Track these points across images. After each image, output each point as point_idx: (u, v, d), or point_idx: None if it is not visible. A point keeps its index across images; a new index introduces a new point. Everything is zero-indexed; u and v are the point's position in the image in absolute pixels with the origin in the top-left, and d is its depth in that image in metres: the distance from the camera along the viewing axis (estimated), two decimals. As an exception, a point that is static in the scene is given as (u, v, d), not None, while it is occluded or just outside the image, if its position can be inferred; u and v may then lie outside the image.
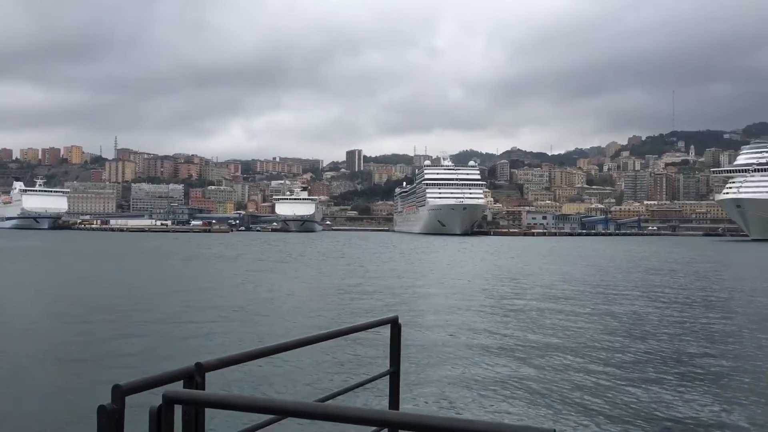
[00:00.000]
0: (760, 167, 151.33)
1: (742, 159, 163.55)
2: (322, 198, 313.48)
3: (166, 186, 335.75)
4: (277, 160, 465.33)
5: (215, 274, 40.80)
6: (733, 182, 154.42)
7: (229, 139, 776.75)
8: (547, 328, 19.76)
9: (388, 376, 3.74)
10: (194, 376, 2.37)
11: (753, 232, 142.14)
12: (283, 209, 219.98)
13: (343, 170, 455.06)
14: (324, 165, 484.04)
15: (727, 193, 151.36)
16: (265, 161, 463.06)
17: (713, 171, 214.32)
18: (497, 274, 42.20)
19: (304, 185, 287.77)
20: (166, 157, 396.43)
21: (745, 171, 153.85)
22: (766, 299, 29.38)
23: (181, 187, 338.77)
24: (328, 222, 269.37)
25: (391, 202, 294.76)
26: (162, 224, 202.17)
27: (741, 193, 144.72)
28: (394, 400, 3.73)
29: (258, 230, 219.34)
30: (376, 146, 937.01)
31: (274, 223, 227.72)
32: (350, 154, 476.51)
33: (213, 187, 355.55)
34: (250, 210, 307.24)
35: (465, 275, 41.11)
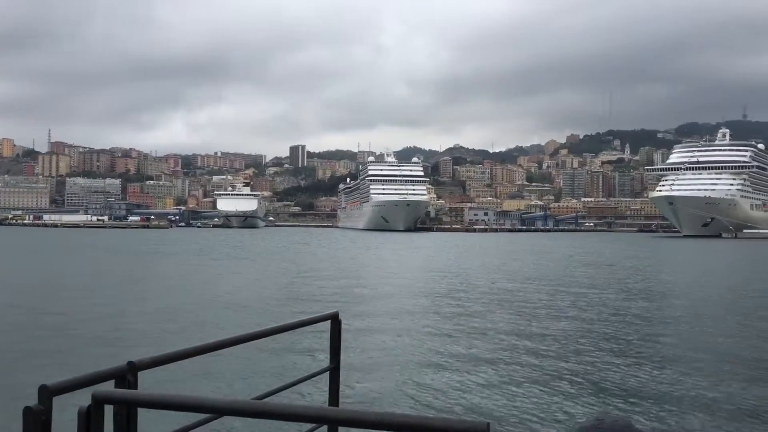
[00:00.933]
0: (691, 166, 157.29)
1: (674, 158, 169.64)
2: (265, 193, 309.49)
3: (103, 180, 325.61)
4: (219, 154, 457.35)
5: (153, 270, 39.83)
6: (666, 180, 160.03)
7: (169, 134, 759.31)
8: (486, 322, 19.99)
9: (327, 373, 3.71)
10: (126, 376, 2.28)
11: (684, 228, 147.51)
12: (225, 205, 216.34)
13: (286, 166, 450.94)
14: (267, 160, 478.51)
15: (660, 190, 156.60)
16: (206, 156, 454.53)
17: (647, 169, 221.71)
18: (439, 269, 42.55)
19: (246, 181, 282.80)
20: (102, 151, 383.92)
21: (677, 169, 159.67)
22: (698, 291, 30.54)
23: (118, 181, 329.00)
24: (271, 218, 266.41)
25: (334, 198, 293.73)
26: (98, 220, 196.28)
27: (673, 190, 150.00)
28: (333, 397, 3.69)
29: (199, 226, 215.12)
30: (319, 142, 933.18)
31: (216, 219, 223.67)
32: (294, 150, 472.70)
33: (152, 182, 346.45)
34: (191, 205, 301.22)
35: (407, 271, 41.30)
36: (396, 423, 1.65)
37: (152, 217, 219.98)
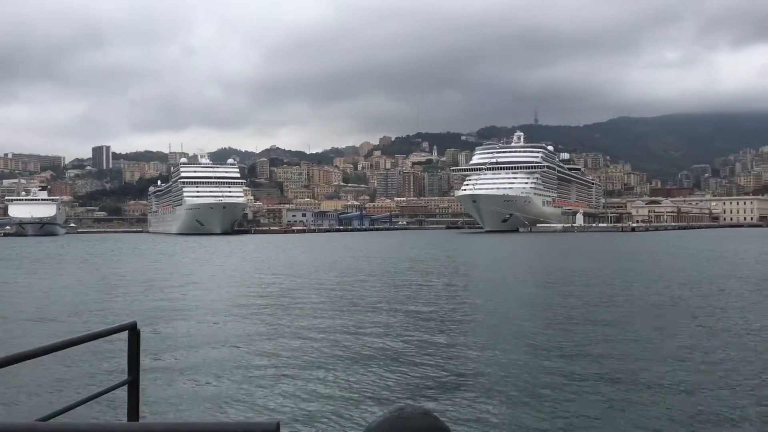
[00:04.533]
0: (491, 166, 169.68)
1: (476, 159, 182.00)
2: (65, 198, 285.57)
3: None
4: (10, 156, 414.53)
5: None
6: (470, 180, 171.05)
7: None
8: (294, 321, 20.14)
9: (125, 386, 3.54)
10: None
11: (486, 224, 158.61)
12: (18, 211, 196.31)
13: (89, 168, 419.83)
14: (67, 162, 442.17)
15: (465, 189, 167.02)
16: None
17: (453, 169, 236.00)
18: (253, 272, 42.08)
19: (43, 184, 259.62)
20: None
21: (479, 170, 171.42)
22: (497, 280, 33.07)
23: None
24: (72, 224, 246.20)
25: (144, 202, 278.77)
26: None
27: (476, 189, 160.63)
28: (132, 411, 3.52)
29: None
30: (127, 143, 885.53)
31: (8, 227, 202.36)
32: (97, 151, 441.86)
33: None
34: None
35: (219, 276, 40.37)
36: (189, 431, 1.61)
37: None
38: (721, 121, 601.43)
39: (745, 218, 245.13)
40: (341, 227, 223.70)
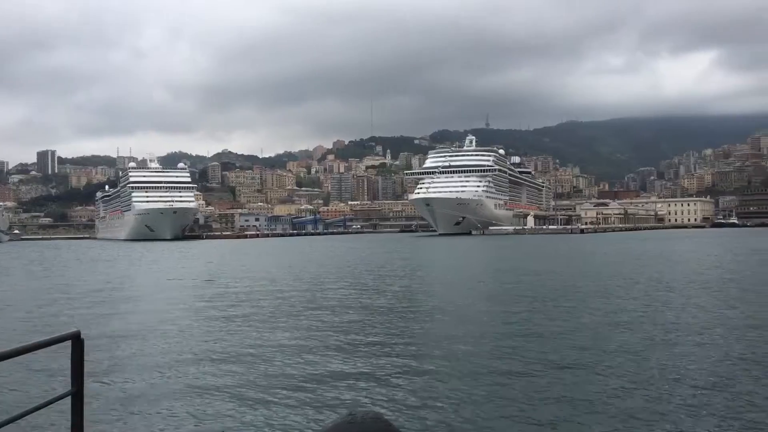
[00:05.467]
0: (444, 170, 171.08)
1: (429, 162, 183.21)
2: (9, 204, 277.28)
3: None
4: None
5: None
6: (423, 183, 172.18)
7: None
8: (241, 333, 19.88)
9: (69, 398, 3.40)
10: None
11: (440, 227, 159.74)
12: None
13: (33, 173, 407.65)
14: (10, 167, 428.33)
15: (418, 193, 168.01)
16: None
17: (406, 173, 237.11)
18: (200, 279, 41.40)
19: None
20: None
21: (432, 173, 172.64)
22: (450, 282, 33.26)
23: None
24: (16, 231, 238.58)
25: (92, 208, 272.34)
26: None
27: (429, 192, 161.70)
28: (77, 424, 3.41)
29: None
30: (73, 147, 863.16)
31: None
32: (42, 155, 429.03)
33: None
34: None
35: (166, 283, 39.62)
36: None
37: None
38: (664, 124, 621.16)
39: (689, 219, 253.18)
40: (295, 232, 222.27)
